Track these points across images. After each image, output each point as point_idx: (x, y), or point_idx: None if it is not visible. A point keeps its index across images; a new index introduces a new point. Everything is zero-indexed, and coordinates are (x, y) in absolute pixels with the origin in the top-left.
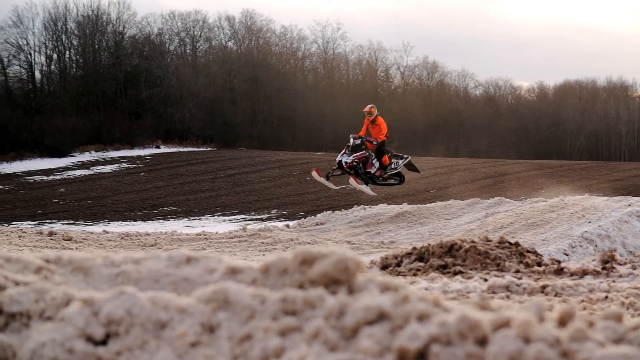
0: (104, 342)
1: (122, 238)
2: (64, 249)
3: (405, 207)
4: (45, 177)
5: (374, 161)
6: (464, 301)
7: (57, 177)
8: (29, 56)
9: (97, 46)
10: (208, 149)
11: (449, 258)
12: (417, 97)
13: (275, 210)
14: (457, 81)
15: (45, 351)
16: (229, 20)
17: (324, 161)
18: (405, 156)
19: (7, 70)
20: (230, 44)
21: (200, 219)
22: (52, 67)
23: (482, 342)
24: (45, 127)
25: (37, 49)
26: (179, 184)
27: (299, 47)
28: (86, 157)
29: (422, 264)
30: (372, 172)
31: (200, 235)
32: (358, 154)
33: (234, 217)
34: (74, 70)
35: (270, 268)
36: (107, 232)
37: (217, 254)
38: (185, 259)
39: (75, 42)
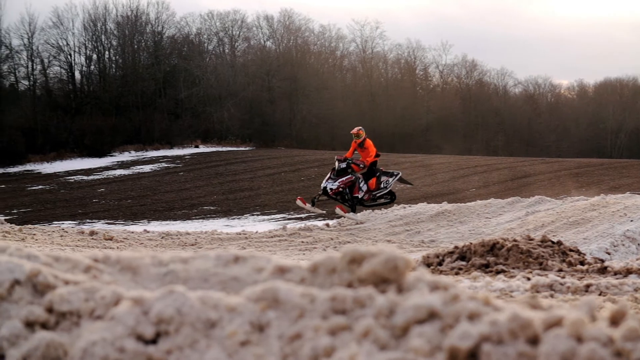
0: (154, 341)
1: (162, 237)
2: (105, 248)
3: (445, 205)
4: (85, 177)
5: (361, 184)
6: (511, 300)
7: (97, 176)
8: (69, 57)
9: (136, 46)
10: (247, 149)
11: (491, 257)
12: (455, 96)
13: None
14: (496, 79)
15: (96, 350)
16: (268, 20)
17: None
18: (395, 173)
19: (47, 71)
20: (268, 43)
21: (239, 218)
22: (92, 67)
23: (534, 341)
24: (85, 127)
25: (77, 49)
26: (218, 184)
27: (338, 46)
28: (126, 157)
29: (464, 262)
30: (360, 196)
31: (240, 234)
32: (344, 178)
33: (273, 216)
34: (114, 70)
35: (318, 267)
36: (148, 232)
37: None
38: (234, 258)
39: (114, 43)
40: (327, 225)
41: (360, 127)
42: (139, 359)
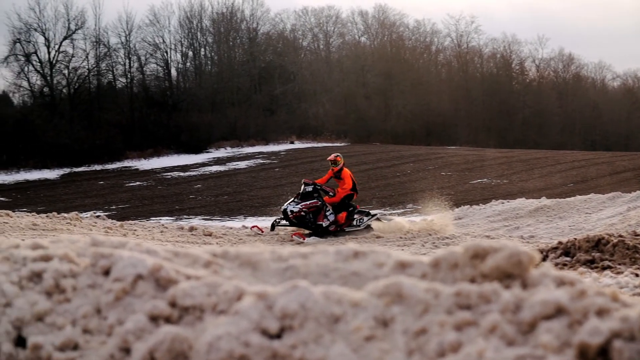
0: (278, 335)
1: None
2: (205, 243)
3: (544, 201)
4: (182, 173)
5: (328, 213)
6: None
7: (194, 173)
8: (165, 54)
9: (231, 43)
10: (342, 144)
11: (596, 253)
12: (552, 90)
13: (410, 205)
14: (593, 73)
15: (221, 344)
16: (362, 15)
17: (458, 155)
18: (372, 213)
19: (144, 69)
20: (363, 39)
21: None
22: (188, 64)
23: None
24: (181, 124)
25: (173, 46)
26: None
27: (433, 41)
28: (222, 153)
29: (568, 258)
30: (324, 225)
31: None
32: (308, 202)
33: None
34: (209, 67)
35: (440, 262)
36: (246, 227)
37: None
38: (353, 253)
39: (210, 40)
40: (425, 220)
41: (338, 154)
42: (264, 354)
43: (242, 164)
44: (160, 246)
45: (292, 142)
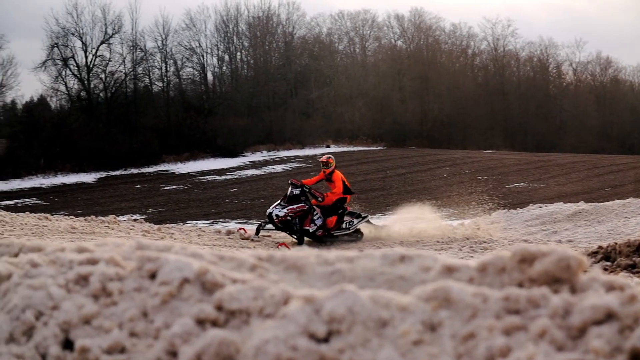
0: (326, 339)
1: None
2: (242, 247)
3: (582, 205)
4: (218, 177)
5: (315, 217)
6: None
7: (230, 176)
8: (201, 58)
9: (267, 47)
10: (378, 148)
11: (637, 257)
12: (590, 94)
13: (447, 209)
14: (631, 76)
15: (269, 348)
16: (398, 19)
17: (494, 159)
18: (363, 215)
19: (180, 73)
20: (399, 42)
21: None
22: (224, 68)
23: None
24: (217, 128)
25: (209, 50)
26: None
27: (469, 44)
28: (257, 156)
29: (608, 263)
30: (311, 231)
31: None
32: (294, 206)
33: (404, 215)
34: (245, 71)
35: (487, 266)
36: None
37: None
38: (400, 257)
39: (246, 44)
40: (462, 225)
41: (330, 155)
42: (312, 358)
43: (278, 168)
44: (206, 249)
45: (328, 146)
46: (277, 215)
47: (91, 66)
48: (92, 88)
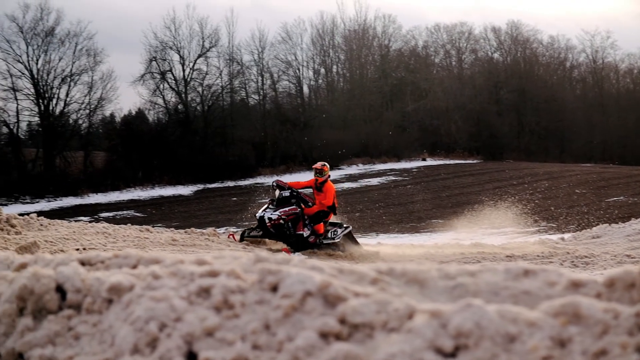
0: (453, 354)
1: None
2: (337, 261)
3: None
4: None
5: (307, 222)
6: None
7: None
8: (297, 71)
9: (363, 60)
10: (474, 161)
11: None
12: None
13: (544, 223)
14: None
15: None
16: (495, 32)
17: (593, 173)
18: (345, 225)
19: (276, 86)
20: (496, 55)
21: (467, 232)
22: (320, 81)
23: None
24: (313, 141)
25: (305, 64)
26: (446, 197)
27: (567, 57)
28: (354, 170)
29: None
30: (305, 235)
31: (476, 245)
32: (287, 209)
33: (502, 229)
34: (341, 84)
35: (615, 282)
36: (381, 244)
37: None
38: (523, 271)
39: (342, 57)
40: (562, 239)
41: (324, 163)
42: None
43: (374, 181)
44: (325, 262)
45: (424, 159)
46: (269, 219)
47: (188, 79)
48: (189, 101)
